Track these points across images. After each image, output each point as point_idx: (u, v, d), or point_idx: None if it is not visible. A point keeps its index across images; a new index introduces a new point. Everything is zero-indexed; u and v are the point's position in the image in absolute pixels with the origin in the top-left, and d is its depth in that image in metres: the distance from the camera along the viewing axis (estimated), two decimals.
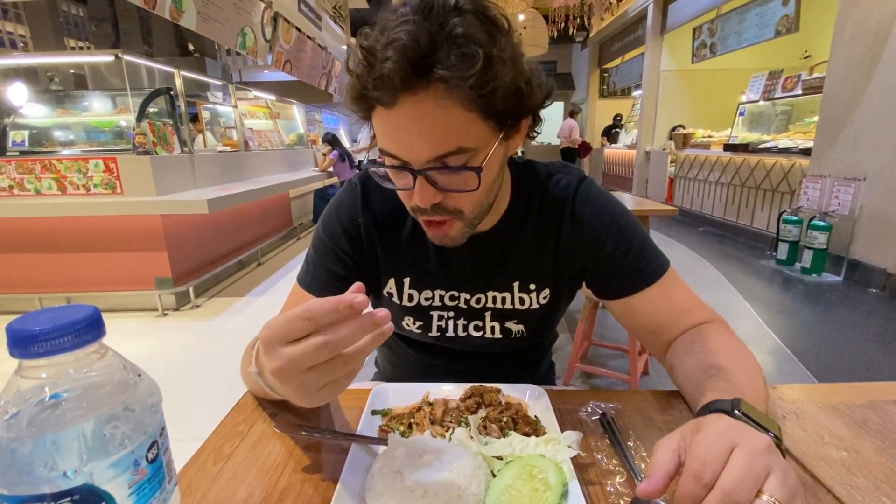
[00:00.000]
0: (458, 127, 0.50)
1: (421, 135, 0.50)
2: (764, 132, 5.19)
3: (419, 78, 0.47)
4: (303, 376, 0.37)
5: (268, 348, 0.38)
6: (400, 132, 0.51)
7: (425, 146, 0.51)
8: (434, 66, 0.47)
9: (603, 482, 0.45)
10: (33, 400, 0.26)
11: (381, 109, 0.51)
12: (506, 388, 0.57)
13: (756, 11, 5.15)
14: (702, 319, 0.63)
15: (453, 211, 0.57)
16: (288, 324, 0.37)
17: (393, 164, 0.54)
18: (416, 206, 0.56)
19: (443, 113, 0.49)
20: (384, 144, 0.54)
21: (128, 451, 0.27)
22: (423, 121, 0.50)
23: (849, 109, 3.45)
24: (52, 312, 0.27)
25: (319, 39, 6.70)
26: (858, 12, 3.37)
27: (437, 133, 0.50)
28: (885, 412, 0.55)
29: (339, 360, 0.37)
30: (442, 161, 0.51)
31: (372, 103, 0.52)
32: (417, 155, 0.52)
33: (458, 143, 0.51)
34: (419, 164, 0.52)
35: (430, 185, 0.53)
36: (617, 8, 8.61)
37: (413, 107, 0.49)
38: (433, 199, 0.54)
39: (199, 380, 2.18)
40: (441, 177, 0.53)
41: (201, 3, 3.29)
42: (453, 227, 0.58)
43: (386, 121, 0.52)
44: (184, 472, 0.47)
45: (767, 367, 2.23)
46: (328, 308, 0.36)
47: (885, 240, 3.18)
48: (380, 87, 0.48)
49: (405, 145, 0.52)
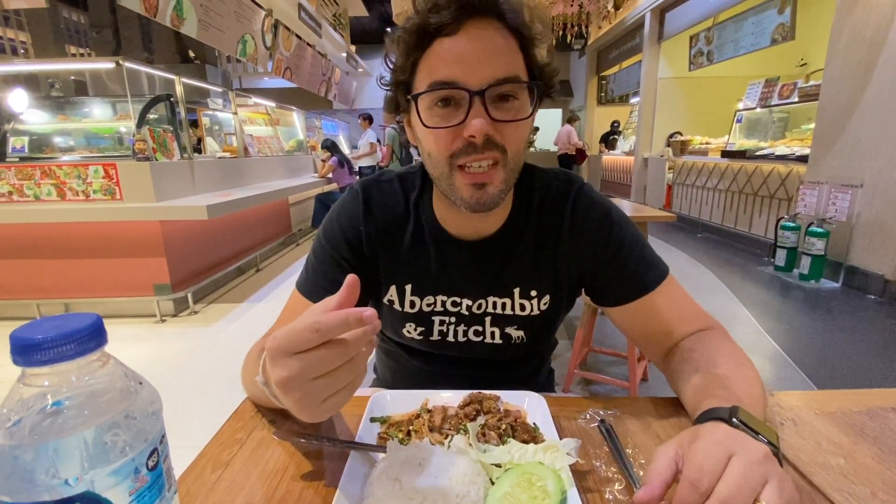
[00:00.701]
0: (514, 55, 0.56)
1: (486, 55, 0.54)
2: (761, 139, 5.23)
3: (486, 6, 0.54)
4: (308, 386, 0.38)
5: (275, 358, 0.38)
6: (464, 54, 0.54)
7: (490, 65, 0.54)
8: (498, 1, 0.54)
9: (601, 490, 0.45)
10: (36, 407, 0.26)
11: (442, 40, 0.55)
12: (504, 396, 0.58)
13: (752, 20, 5.21)
14: (701, 326, 0.64)
15: (501, 147, 0.57)
16: (296, 335, 0.37)
17: (450, 91, 0.56)
18: (460, 147, 0.57)
19: (504, 41, 0.55)
20: (441, 74, 0.55)
21: (128, 458, 0.28)
22: (488, 43, 0.54)
23: (845, 117, 3.48)
24: (55, 321, 0.28)
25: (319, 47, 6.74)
26: (854, 21, 3.40)
27: (499, 55, 0.55)
28: (883, 419, 0.55)
29: (344, 368, 0.38)
30: (499, 87, 0.55)
31: (433, 36, 0.55)
32: (480, 74, 0.54)
33: (516, 71, 0.56)
34: (479, 84, 0.54)
35: (486, 113, 0.55)
36: (614, 16, 8.69)
37: (478, 31, 0.54)
38: (487, 127, 0.55)
39: (197, 386, 2.17)
40: (494, 107, 0.55)
41: (202, 10, 3.31)
42: (496, 178, 0.58)
43: (447, 48, 0.55)
44: (182, 479, 0.47)
45: (765, 373, 2.23)
46: (338, 322, 0.37)
47: (883, 246, 3.20)
48: (448, 15, 0.53)
49: (469, 66, 0.54)
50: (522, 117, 0.57)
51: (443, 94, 0.55)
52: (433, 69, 0.56)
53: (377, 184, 0.71)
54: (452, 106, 0.56)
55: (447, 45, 0.55)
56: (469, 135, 0.55)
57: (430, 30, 0.54)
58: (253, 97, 5.45)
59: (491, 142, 0.56)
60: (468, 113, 0.54)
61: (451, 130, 0.56)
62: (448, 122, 0.56)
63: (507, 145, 0.57)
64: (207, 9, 3.38)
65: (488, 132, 0.55)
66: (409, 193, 0.70)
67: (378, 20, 12.65)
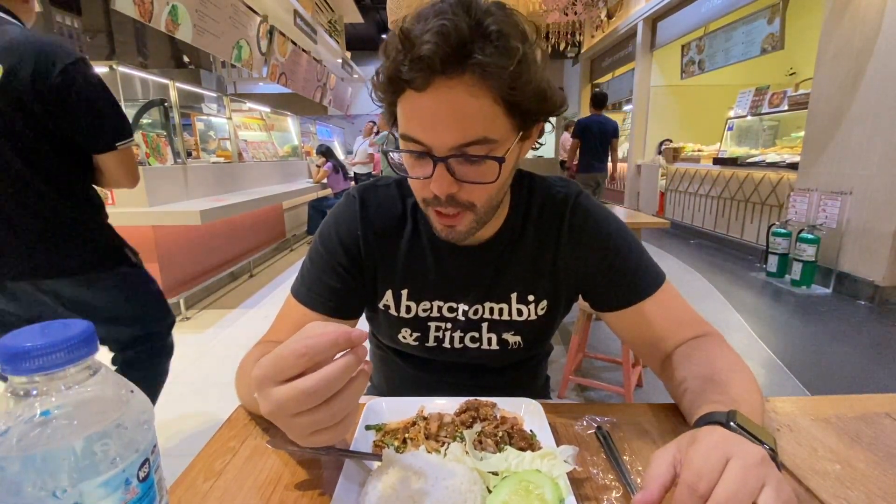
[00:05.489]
0: (485, 117, 0.52)
1: (449, 120, 0.51)
2: (752, 146, 5.30)
3: (456, 63, 0.49)
4: (291, 420, 0.38)
5: (260, 388, 0.38)
6: (428, 116, 0.52)
7: (452, 132, 0.52)
8: (473, 54, 0.49)
9: (599, 497, 0.44)
10: (23, 417, 0.25)
11: (411, 93, 0.52)
12: (501, 402, 0.57)
13: (742, 30, 5.29)
14: (697, 332, 0.64)
15: (466, 204, 0.57)
16: (281, 360, 0.37)
17: (413, 150, 0.54)
18: (429, 197, 0.57)
19: (473, 101, 0.51)
20: (408, 129, 0.54)
21: (119, 469, 0.27)
22: (454, 106, 0.51)
23: (834, 125, 3.54)
24: (45, 328, 0.27)
25: (315, 53, 6.76)
26: (842, 31, 3.47)
27: (465, 120, 0.51)
28: (878, 424, 0.55)
29: (324, 409, 0.37)
30: (464, 150, 0.52)
31: (402, 86, 0.52)
32: (442, 140, 0.52)
33: (484, 133, 0.52)
34: (442, 151, 0.53)
35: (449, 174, 0.54)
36: (607, 25, 8.79)
37: (445, 92, 0.50)
38: (450, 188, 0.55)
39: (189, 394, 2.14)
40: (460, 167, 0.54)
41: (197, 16, 3.31)
42: (463, 221, 0.59)
43: (415, 104, 0.52)
44: (173, 489, 0.46)
45: (759, 378, 2.23)
46: (326, 344, 0.36)
47: (872, 252, 3.24)
48: (416, 69, 0.49)
49: (431, 130, 0.52)
50: (489, 180, 0.54)
51: (413, 147, 0.55)
52: (404, 120, 0.55)
53: (374, 189, 0.71)
54: (422, 159, 0.55)
55: (415, 102, 0.52)
56: (433, 191, 0.55)
57: (402, 80, 0.51)
58: (248, 102, 5.44)
59: (454, 199, 0.56)
60: (433, 170, 0.54)
61: (421, 181, 0.57)
62: (418, 174, 0.56)
63: (473, 201, 0.57)
64: (203, 14, 3.38)
65: (451, 192, 0.55)
66: (407, 199, 0.70)
67: (373, 27, 12.72)
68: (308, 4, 6.87)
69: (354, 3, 9.06)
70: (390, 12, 3.52)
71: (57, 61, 1.05)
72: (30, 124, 1.06)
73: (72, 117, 1.10)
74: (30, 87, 1.03)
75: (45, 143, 1.10)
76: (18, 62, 1.02)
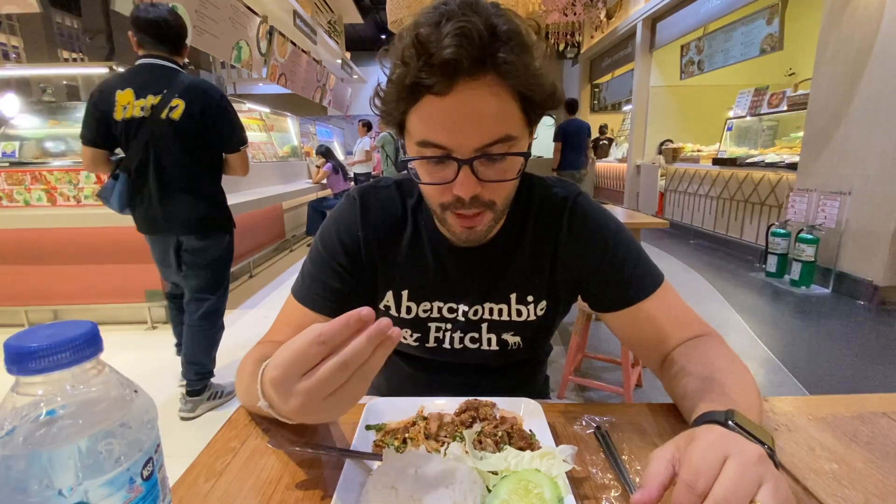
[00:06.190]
0: (505, 115, 0.53)
1: (473, 121, 0.52)
2: (751, 147, 5.30)
3: (480, 64, 0.49)
4: (323, 403, 0.38)
5: (281, 389, 0.38)
6: (452, 119, 0.52)
7: (476, 133, 0.52)
8: (496, 53, 0.49)
9: (598, 497, 0.45)
10: (29, 417, 0.26)
11: (431, 99, 0.52)
12: (501, 402, 0.57)
13: (741, 30, 5.30)
14: (696, 332, 0.64)
15: (488, 203, 0.58)
16: (302, 353, 0.37)
17: (435, 156, 0.54)
18: (449, 201, 0.57)
19: (494, 101, 0.51)
20: (429, 135, 0.54)
21: (123, 468, 0.27)
22: (476, 107, 0.51)
23: (833, 125, 3.54)
24: (50, 328, 0.27)
25: (314, 53, 6.76)
26: (840, 32, 3.47)
27: (489, 119, 0.52)
28: (875, 424, 0.56)
29: (354, 378, 0.38)
30: (486, 150, 0.53)
31: (422, 93, 0.52)
32: (467, 142, 0.52)
33: (506, 131, 0.53)
34: (466, 153, 0.53)
35: (474, 175, 0.54)
36: (607, 26, 8.80)
37: (468, 93, 0.50)
38: (475, 189, 0.55)
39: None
40: (483, 167, 0.54)
41: (197, 16, 3.32)
42: (483, 220, 0.60)
43: (436, 109, 0.52)
44: (175, 489, 0.46)
45: (757, 378, 2.24)
46: (339, 327, 0.37)
47: (871, 253, 3.24)
48: (439, 73, 0.49)
49: (457, 133, 0.52)
50: (511, 177, 0.56)
51: (434, 153, 0.55)
52: (423, 126, 0.54)
53: (374, 190, 0.72)
54: (443, 164, 0.55)
55: (436, 107, 0.52)
56: (457, 194, 0.56)
57: (421, 87, 0.51)
58: (247, 103, 5.44)
59: (477, 199, 0.57)
60: (457, 173, 0.54)
61: (442, 186, 0.57)
62: (438, 179, 0.56)
63: (495, 199, 0.58)
64: (202, 15, 3.38)
65: (476, 192, 0.56)
66: (408, 200, 0.71)
67: (373, 27, 12.73)
68: (308, 5, 6.88)
69: (354, 4, 9.07)
70: (390, 12, 3.53)
71: (214, 97, 1.78)
72: (195, 135, 1.76)
73: (218, 131, 1.81)
74: (199, 114, 1.74)
75: (202, 146, 1.81)
76: (193, 99, 1.73)
